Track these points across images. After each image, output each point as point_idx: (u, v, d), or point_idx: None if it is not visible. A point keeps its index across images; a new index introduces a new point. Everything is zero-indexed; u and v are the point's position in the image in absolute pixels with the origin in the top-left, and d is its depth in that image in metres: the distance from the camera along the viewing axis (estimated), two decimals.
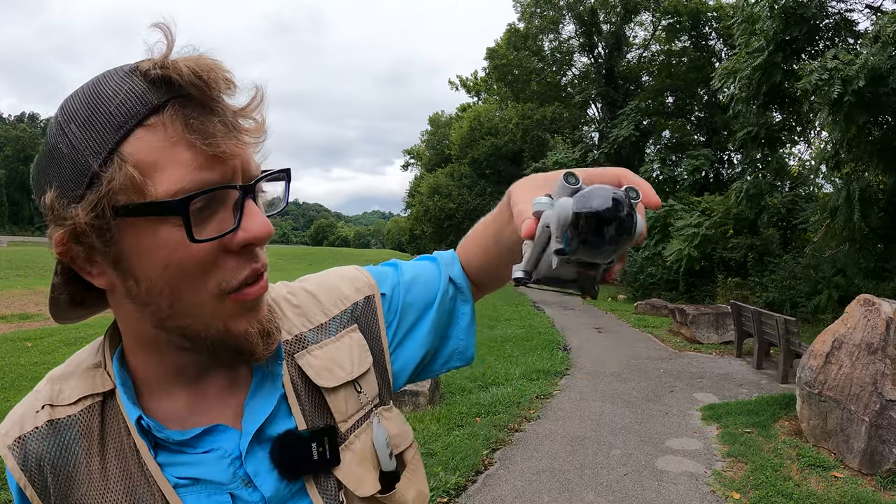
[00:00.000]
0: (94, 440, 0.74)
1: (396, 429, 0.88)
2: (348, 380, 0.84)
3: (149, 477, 0.72)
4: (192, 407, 0.76)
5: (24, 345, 9.86)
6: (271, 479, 0.75)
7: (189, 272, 0.66)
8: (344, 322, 0.89)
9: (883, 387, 5.05)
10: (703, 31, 25.30)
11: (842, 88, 9.45)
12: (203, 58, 0.65)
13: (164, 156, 0.63)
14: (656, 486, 4.93)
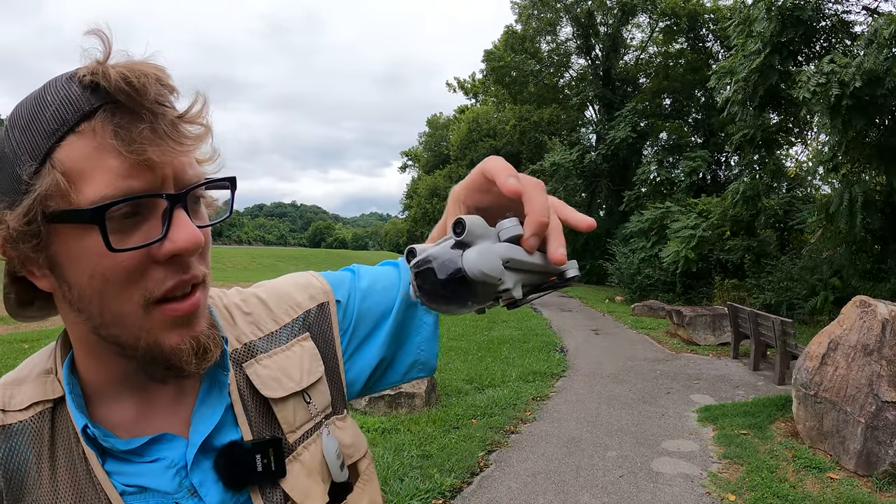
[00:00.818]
0: (44, 446, 0.72)
1: (350, 438, 0.88)
2: (296, 390, 0.83)
3: (97, 485, 0.71)
4: (141, 415, 0.75)
5: (21, 346, 9.86)
6: (216, 490, 0.74)
7: (113, 281, 0.65)
8: (295, 330, 0.88)
9: (879, 388, 5.06)
10: (700, 33, 25.35)
11: (839, 91, 9.47)
12: (138, 63, 0.64)
13: (90, 163, 0.63)
14: (652, 487, 4.94)
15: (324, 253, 64.83)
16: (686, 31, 25.35)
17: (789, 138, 16.07)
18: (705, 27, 25.03)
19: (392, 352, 0.95)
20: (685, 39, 26.02)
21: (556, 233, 0.62)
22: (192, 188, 0.67)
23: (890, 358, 5.14)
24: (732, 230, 17.50)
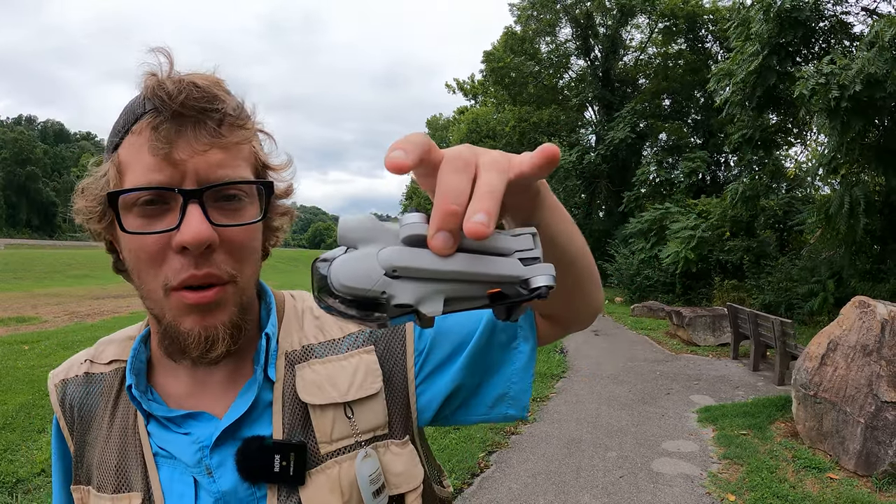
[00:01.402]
0: (111, 397, 0.86)
1: (401, 467, 0.84)
2: (338, 401, 0.82)
3: (138, 440, 0.81)
4: (191, 391, 0.83)
5: (21, 348, 9.85)
6: (231, 476, 0.78)
7: (142, 260, 0.73)
8: (359, 342, 0.87)
9: (878, 388, 5.06)
10: (699, 34, 25.35)
11: (839, 93, 9.47)
12: (187, 74, 0.73)
13: (133, 157, 0.72)
14: (652, 488, 4.94)
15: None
16: (685, 32, 25.36)
17: (788, 139, 16.07)
18: (704, 28, 25.03)
19: (474, 380, 0.88)
20: (684, 40, 26.02)
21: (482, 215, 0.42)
22: (210, 187, 0.72)
23: (889, 358, 5.14)
24: (732, 231, 17.50)
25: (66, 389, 0.90)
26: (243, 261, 0.77)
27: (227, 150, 0.73)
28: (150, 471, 0.80)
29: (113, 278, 22.42)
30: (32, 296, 18.43)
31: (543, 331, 0.87)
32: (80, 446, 0.87)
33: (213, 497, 0.78)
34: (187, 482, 0.79)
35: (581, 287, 0.77)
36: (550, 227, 0.64)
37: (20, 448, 5.64)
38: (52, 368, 0.95)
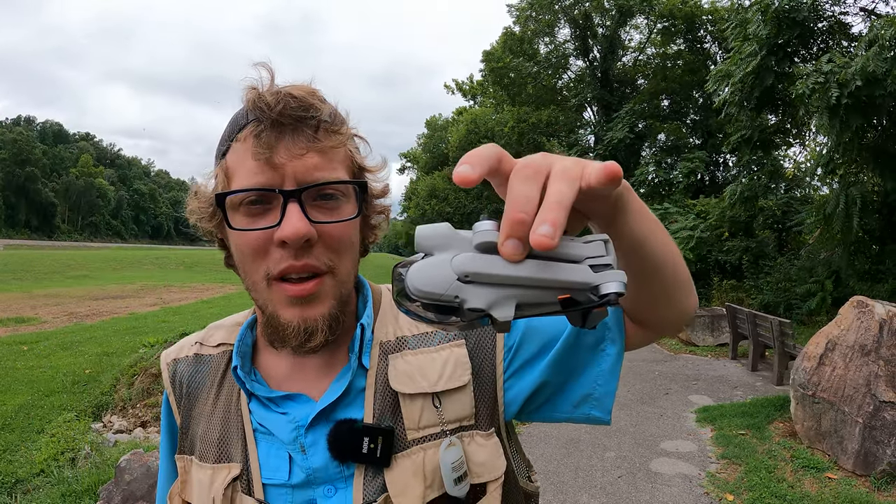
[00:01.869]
0: (217, 376, 0.95)
1: (483, 458, 0.87)
2: (427, 391, 0.87)
3: (240, 416, 0.90)
4: (291, 374, 0.91)
5: (21, 348, 9.84)
6: (322, 455, 0.85)
7: (247, 254, 0.82)
8: (451, 335, 0.92)
9: (876, 388, 5.07)
10: (698, 35, 25.34)
11: (838, 91, 9.49)
12: (285, 86, 0.80)
13: (239, 163, 0.81)
14: (650, 488, 4.95)
15: None
16: (684, 33, 25.35)
17: (787, 139, 16.08)
18: (703, 28, 25.02)
19: (560, 379, 0.91)
20: (683, 41, 26.01)
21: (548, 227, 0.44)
22: (307, 187, 0.79)
23: (887, 358, 5.15)
24: (731, 231, 17.50)
25: (177, 368, 1.00)
26: (341, 254, 0.83)
27: (323, 153, 0.80)
28: (250, 445, 0.88)
29: (112, 279, 22.35)
30: (31, 296, 18.41)
31: (633, 335, 0.89)
32: (185, 419, 0.97)
33: (304, 472, 0.85)
34: (282, 457, 0.86)
35: (669, 293, 0.79)
36: (635, 232, 0.67)
37: (19, 448, 5.65)
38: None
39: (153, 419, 6.70)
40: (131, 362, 7.59)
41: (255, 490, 0.86)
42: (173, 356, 1.02)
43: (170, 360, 1.02)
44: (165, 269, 37.61)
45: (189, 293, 21.33)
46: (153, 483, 4.04)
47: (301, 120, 0.79)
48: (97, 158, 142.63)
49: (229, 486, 0.86)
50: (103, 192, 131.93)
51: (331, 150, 0.81)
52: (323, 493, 0.85)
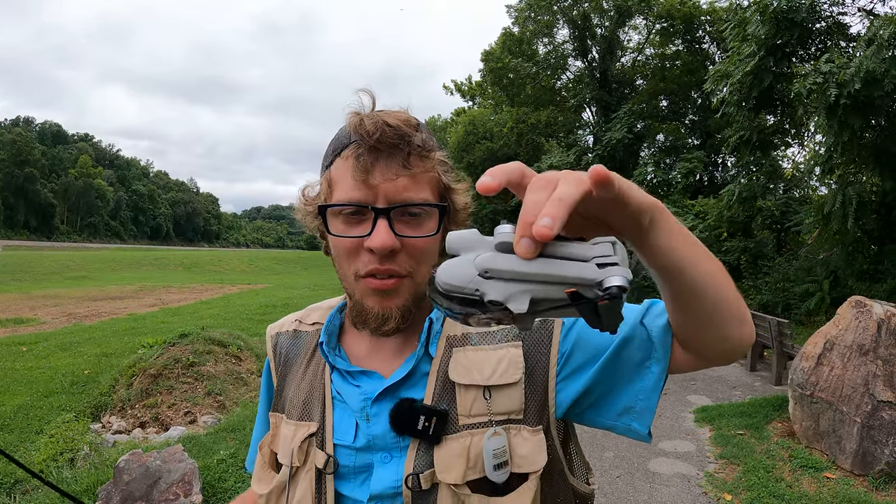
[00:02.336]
0: (309, 350, 1.13)
1: (526, 451, 0.96)
2: (480, 384, 0.97)
3: (323, 384, 1.06)
4: (369, 353, 1.07)
5: (19, 349, 9.84)
6: (384, 425, 0.98)
7: (342, 254, 0.98)
8: (510, 336, 1.02)
9: (874, 388, 5.08)
10: (696, 35, 25.35)
11: (837, 91, 9.50)
12: (382, 112, 0.94)
13: (340, 177, 0.95)
14: (648, 488, 4.96)
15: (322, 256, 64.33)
16: (682, 33, 25.36)
17: (785, 139, 16.08)
18: (701, 29, 25.03)
19: (605, 387, 0.98)
20: (681, 41, 26.02)
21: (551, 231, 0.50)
22: (395, 207, 0.92)
23: (885, 357, 5.16)
24: (729, 231, 17.51)
25: (278, 340, 1.19)
26: (420, 262, 0.96)
27: (412, 177, 0.93)
28: (327, 409, 1.03)
29: (111, 280, 22.32)
30: (30, 297, 18.41)
31: (679, 359, 0.93)
32: (281, 382, 1.15)
33: (366, 438, 0.99)
34: (351, 423, 1.01)
35: (714, 319, 0.82)
36: (669, 252, 0.72)
37: (18, 449, 5.65)
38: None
39: (152, 420, 6.70)
40: (130, 363, 7.59)
41: (326, 446, 1.01)
42: (276, 330, 1.22)
43: (273, 333, 1.22)
44: (164, 269, 37.61)
45: (188, 294, 21.33)
46: (151, 483, 4.04)
47: (395, 147, 0.92)
48: (96, 159, 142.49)
49: (306, 441, 1.03)
50: (102, 192, 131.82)
51: (419, 173, 0.94)
52: (380, 459, 0.98)
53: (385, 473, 0.97)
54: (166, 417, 6.76)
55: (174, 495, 4.01)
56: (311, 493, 1.01)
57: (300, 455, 1.03)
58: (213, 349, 8.02)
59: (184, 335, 8.10)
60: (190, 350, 7.71)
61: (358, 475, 1.00)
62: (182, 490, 4.05)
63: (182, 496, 4.02)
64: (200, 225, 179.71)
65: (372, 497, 0.97)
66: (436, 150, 0.99)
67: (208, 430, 6.05)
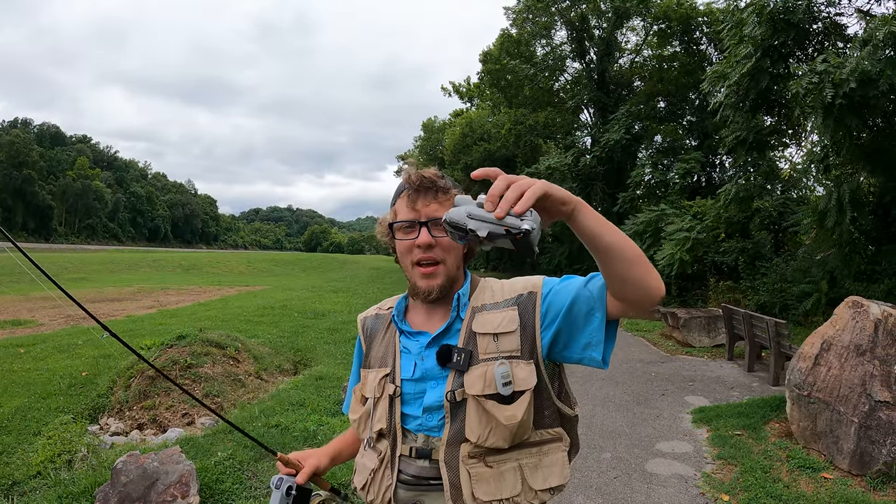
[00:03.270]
0: (385, 324, 1.69)
1: (523, 375, 1.44)
2: (491, 332, 1.48)
3: (395, 344, 1.60)
4: (423, 321, 1.60)
5: (17, 351, 9.83)
6: (432, 361, 1.50)
7: (403, 252, 1.57)
8: (510, 303, 1.53)
9: (872, 388, 5.09)
10: (693, 36, 25.35)
11: (833, 91, 9.50)
12: (423, 170, 1.55)
13: (400, 208, 1.56)
14: (646, 488, 4.96)
15: (320, 257, 64.48)
16: (680, 35, 25.36)
17: (782, 140, 16.10)
18: (699, 30, 25.04)
19: (568, 332, 1.46)
20: (679, 42, 26.03)
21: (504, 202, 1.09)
22: (430, 220, 1.51)
23: (883, 358, 5.17)
24: (727, 232, 17.52)
25: (365, 321, 1.77)
26: (448, 253, 1.53)
27: (439, 203, 1.52)
28: (397, 358, 1.57)
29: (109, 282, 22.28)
30: (28, 299, 18.37)
31: (612, 306, 1.41)
32: (368, 348, 1.71)
33: (421, 372, 1.51)
34: (411, 364, 1.54)
35: (627, 269, 1.30)
36: (585, 227, 1.27)
37: (16, 451, 5.64)
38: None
39: (149, 421, 6.70)
40: (128, 364, 7.58)
41: (395, 380, 1.54)
42: (364, 316, 1.80)
43: (362, 318, 1.80)
44: (162, 271, 37.55)
45: (186, 296, 21.31)
46: (149, 485, 4.04)
47: (428, 189, 1.53)
48: (94, 161, 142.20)
49: (383, 378, 1.57)
50: (100, 194, 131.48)
51: (444, 201, 1.53)
52: (430, 386, 1.49)
53: (434, 393, 1.48)
54: (164, 419, 6.76)
55: (172, 497, 4.01)
56: (385, 413, 1.54)
57: (378, 389, 1.57)
58: (211, 351, 8.02)
59: (182, 337, 8.10)
60: (188, 352, 7.70)
61: (417, 398, 1.51)
62: (179, 492, 4.05)
63: (179, 498, 4.02)
64: (198, 227, 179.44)
65: (424, 409, 1.49)
66: (453, 188, 1.57)
67: (206, 432, 6.04)
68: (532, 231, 1.06)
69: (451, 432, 1.45)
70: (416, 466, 1.50)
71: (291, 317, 14.62)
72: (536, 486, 1.47)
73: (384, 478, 1.53)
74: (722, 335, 11.36)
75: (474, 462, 1.43)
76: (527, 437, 1.47)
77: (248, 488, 4.61)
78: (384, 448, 1.55)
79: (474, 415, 1.42)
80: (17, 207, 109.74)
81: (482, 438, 1.42)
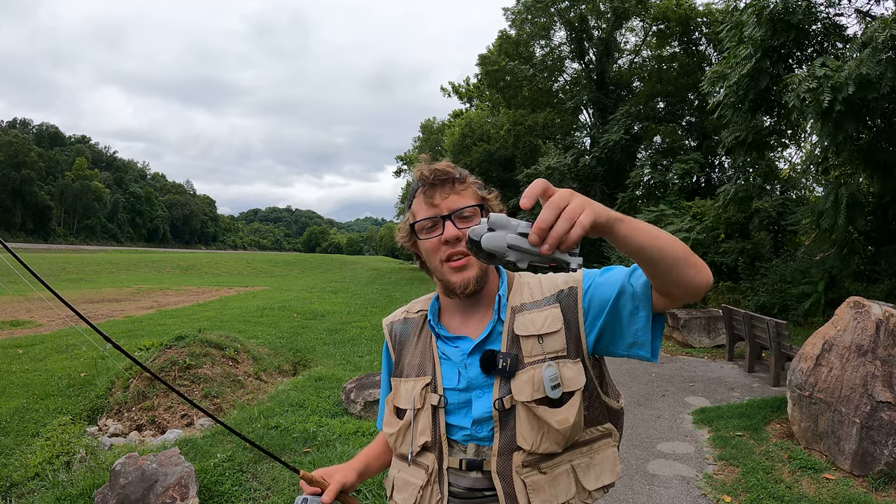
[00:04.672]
0: (417, 329, 1.61)
1: (571, 374, 1.39)
2: (535, 334, 1.42)
3: (432, 350, 1.53)
4: (461, 324, 1.53)
5: (16, 352, 9.81)
6: (476, 369, 1.42)
7: (430, 251, 1.48)
8: (551, 301, 1.47)
9: (873, 388, 5.08)
10: (693, 37, 25.37)
11: (831, 96, 9.47)
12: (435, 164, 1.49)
13: (418, 207, 1.50)
14: (647, 489, 4.94)
15: (319, 258, 64.51)
16: (679, 35, 25.38)
17: (781, 140, 16.10)
18: (698, 31, 25.06)
19: (613, 329, 1.41)
20: (678, 43, 26.05)
21: (552, 238, 0.98)
22: (453, 212, 1.44)
23: (884, 358, 5.15)
24: (726, 233, 17.52)
25: (392, 327, 1.69)
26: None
27: (458, 194, 1.46)
28: (436, 365, 1.49)
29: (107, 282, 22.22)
30: (27, 299, 18.33)
31: (658, 302, 1.35)
32: (397, 356, 1.63)
33: (466, 381, 1.44)
34: (454, 372, 1.46)
35: (674, 273, 1.24)
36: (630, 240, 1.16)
37: (14, 452, 5.62)
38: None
39: (148, 423, 6.67)
40: (127, 365, 7.56)
41: (438, 390, 1.47)
42: (389, 321, 1.72)
43: (387, 323, 1.72)
44: (161, 272, 37.55)
45: (185, 296, 21.28)
46: (148, 487, 4.02)
47: (444, 180, 1.46)
48: (93, 161, 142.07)
49: (424, 388, 1.49)
50: (99, 195, 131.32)
51: (462, 191, 1.47)
52: (476, 395, 1.42)
53: (481, 404, 1.41)
54: (163, 420, 6.73)
55: (170, 499, 3.99)
56: (429, 425, 1.46)
57: (420, 399, 1.49)
58: (210, 351, 7.99)
59: (180, 337, 8.08)
60: (187, 352, 7.68)
61: (462, 408, 1.44)
62: (178, 493, 4.02)
63: (178, 500, 3.99)
64: (197, 227, 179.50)
65: (474, 422, 1.42)
66: (469, 177, 1.52)
67: (205, 433, 6.02)
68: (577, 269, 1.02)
69: (502, 441, 1.39)
70: (468, 479, 1.43)
71: (290, 318, 14.61)
72: (590, 486, 1.43)
73: (433, 493, 1.46)
74: (722, 336, 11.34)
75: (528, 471, 1.38)
76: (578, 437, 1.42)
77: (247, 490, 4.59)
78: (430, 462, 1.47)
79: (525, 422, 1.37)
80: (16, 208, 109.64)
81: (535, 445, 1.37)
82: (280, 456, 5.20)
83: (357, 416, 6.55)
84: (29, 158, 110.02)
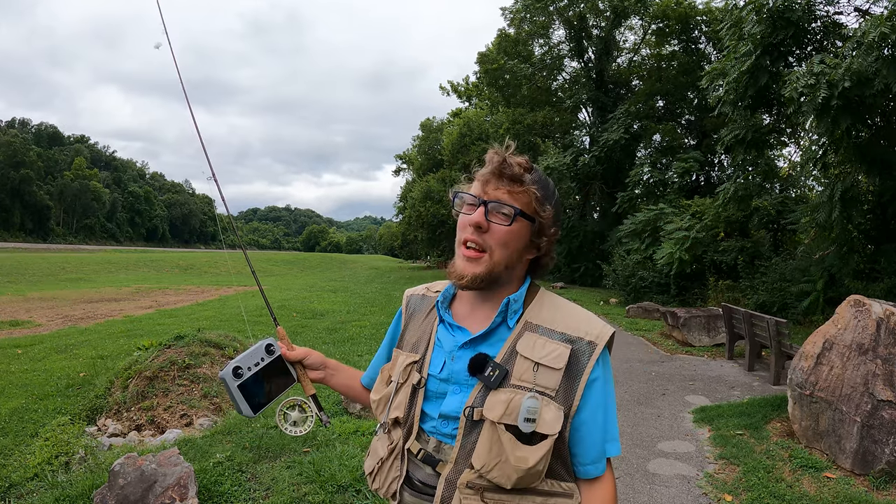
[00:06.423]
0: (429, 307, 1.62)
1: (550, 417, 1.31)
2: (534, 360, 1.35)
3: (431, 331, 1.54)
4: (467, 316, 1.50)
5: (15, 352, 9.79)
6: (462, 365, 1.40)
7: (459, 227, 1.43)
8: (564, 339, 1.39)
9: (874, 387, 5.07)
10: (692, 35, 25.37)
11: (828, 92, 9.47)
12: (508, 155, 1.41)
13: (476, 181, 1.43)
14: (648, 489, 4.93)
15: (318, 257, 64.48)
16: (678, 34, 25.38)
17: (781, 139, 16.09)
18: (697, 29, 25.06)
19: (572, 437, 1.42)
20: (677, 41, 26.05)
21: None
22: (490, 202, 1.38)
23: (885, 357, 5.14)
24: (726, 231, 17.52)
25: (411, 298, 1.71)
26: (498, 246, 1.38)
27: (509, 192, 1.38)
28: (429, 348, 1.51)
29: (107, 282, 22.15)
30: (26, 299, 18.32)
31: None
32: (406, 327, 1.66)
33: (448, 372, 1.43)
34: (441, 360, 1.46)
35: None
36: None
37: (13, 453, 5.60)
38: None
39: (147, 423, 6.66)
40: (126, 365, 7.53)
41: (423, 371, 1.48)
42: (411, 292, 1.74)
43: (408, 294, 1.74)
44: (160, 271, 37.53)
45: (184, 296, 21.26)
46: (147, 487, 4.00)
47: (502, 175, 1.39)
48: (92, 161, 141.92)
49: (410, 365, 1.52)
50: (98, 194, 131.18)
51: (517, 192, 1.38)
52: (453, 390, 1.41)
53: (454, 400, 1.40)
54: (162, 420, 6.72)
55: (170, 499, 3.97)
56: (405, 401, 1.49)
57: (404, 375, 1.52)
58: (210, 351, 7.97)
59: (180, 337, 8.05)
60: (186, 352, 7.66)
61: (437, 398, 1.44)
62: (178, 494, 4.01)
63: (178, 500, 3.98)
64: (196, 226, 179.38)
65: (441, 415, 1.42)
66: (530, 184, 1.40)
67: (204, 433, 6.00)
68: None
69: (461, 452, 1.37)
70: (422, 472, 1.44)
71: (290, 317, 14.59)
72: None
73: (392, 469, 1.51)
74: (722, 334, 11.33)
75: (471, 493, 1.34)
76: (535, 484, 1.35)
77: (246, 490, 4.58)
78: (397, 438, 1.51)
79: (486, 441, 1.32)
80: (15, 207, 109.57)
81: (486, 469, 1.31)
82: (280, 456, 5.19)
83: (357, 416, 6.54)
84: (28, 158, 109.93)
